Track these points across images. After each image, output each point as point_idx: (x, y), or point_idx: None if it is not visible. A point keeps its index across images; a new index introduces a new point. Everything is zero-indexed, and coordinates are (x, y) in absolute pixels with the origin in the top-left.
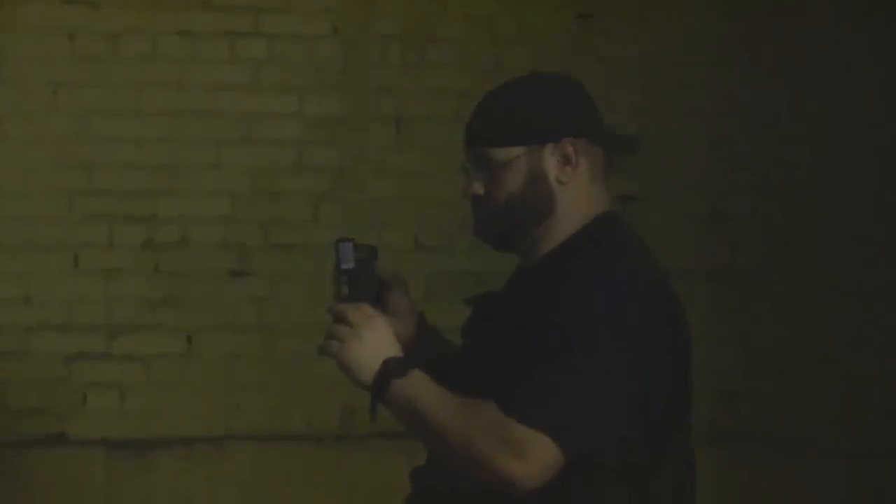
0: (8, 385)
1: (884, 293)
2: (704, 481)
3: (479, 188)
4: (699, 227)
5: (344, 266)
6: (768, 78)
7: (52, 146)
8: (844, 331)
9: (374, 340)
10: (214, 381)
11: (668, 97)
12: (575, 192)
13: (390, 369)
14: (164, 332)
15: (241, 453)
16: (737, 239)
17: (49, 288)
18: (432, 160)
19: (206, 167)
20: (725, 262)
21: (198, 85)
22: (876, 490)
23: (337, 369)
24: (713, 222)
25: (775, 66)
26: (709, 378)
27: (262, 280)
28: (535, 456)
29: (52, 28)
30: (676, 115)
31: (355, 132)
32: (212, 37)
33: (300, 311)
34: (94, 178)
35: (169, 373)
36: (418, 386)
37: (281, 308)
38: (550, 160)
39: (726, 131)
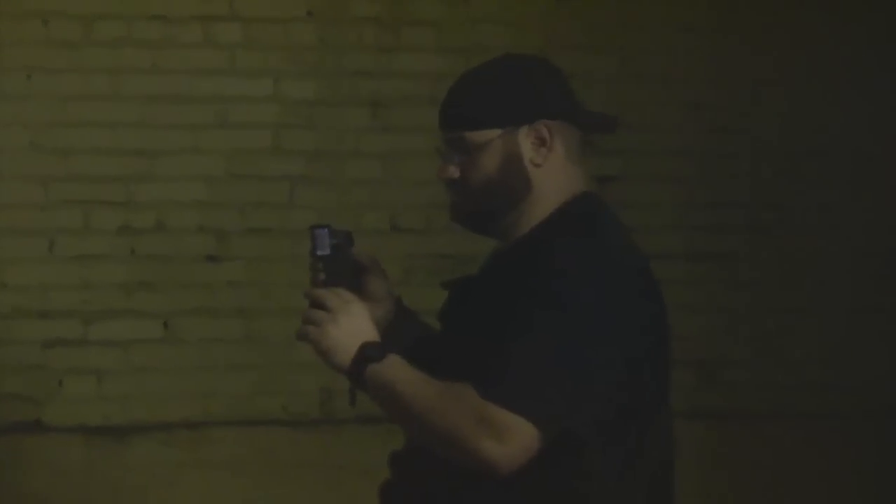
0: None
1: (854, 266)
2: (685, 452)
3: (454, 172)
4: (678, 208)
5: (319, 252)
6: (752, 56)
7: (27, 131)
8: (820, 302)
9: (352, 325)
10: (192, 366)
11: (648, 78)
12: (551, 174)
13: (368, 354)
14: (141, 317)
15: (219, 438)
16: (715, 220)
17: (24, 274)
18: (409, 143)
19: (181, 151)
20: (703, 243)
21: (173, 69)
22: (854, 451)
23: (315, 354)
24: (692, 204)
25: (760, 43)
26: (686, 353)
27: (239, 264)
28: (514, 439)
29: (26, 12)
30: (657, 96)
31: (331, 115)
32: (187, 21)
33: (278, 295)
34: (70, 163)
35: (146, 358)
36: (396, 370)
37: (258, 292)
38: (525, 142)
39: (707, 112)
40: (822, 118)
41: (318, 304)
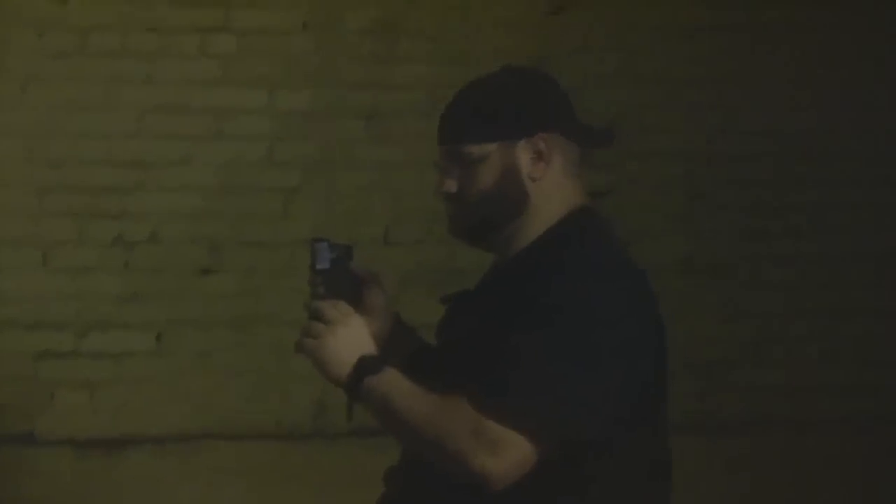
0: None
1: (847, 270)
2: (683, 457)
3: (452, 186)
4: (670, 220)
5: (319, 266)
6: (743, 70)
7: (22, 141)
8: (809, 311)
9: (350, 337)
10: (185, 379)
11: (641, 89)
12: (548, 188)
13: (365, 366)
14: (134, 329)
15: (212, 451)
16: (709, 231)
17: (18, 285)
18: (404, 154)
19: (176, 163)
20: (698, 254)
21: (168, 80)
22: (847, 456)
23: (309, 365)
24: (686, 216)
25: (750, 57)
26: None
27: (232, 276)
28: (509, 454)
29: (22, 22)
30: (649, 109)
31: (326, 126)
32: (182, 32)
33: (271, 307)
34: (64, 174)
35: (139, 370)
36: (393, 383)
37: (252, 304)
38: (523, 156)
39: (699, 125)
40: (814, 123)
41: (317, 317)
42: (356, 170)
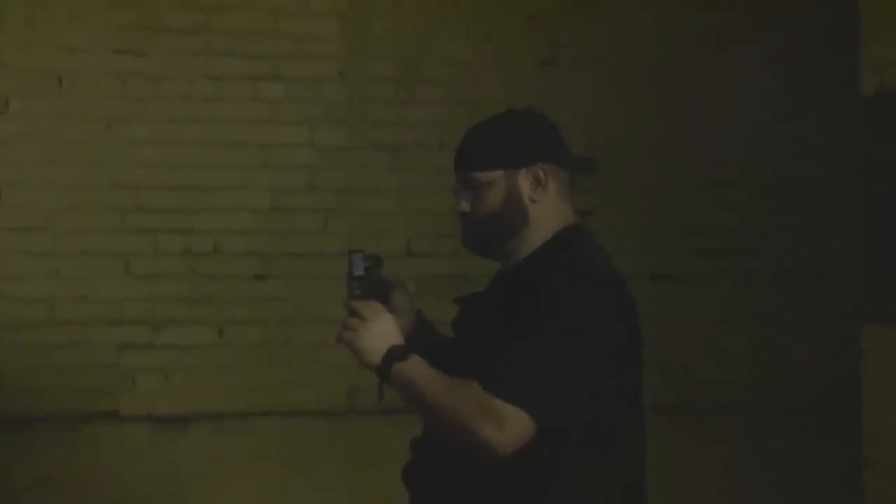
0: (69, 370)
1: (787, 284)
2: (651, 442)
3: (465, 206)
4: (643, 237)
5: (356, 273)
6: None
7: (106, 171)
8: (760, 314)
9: (381, 331)
10: (241, 367)
11: (617, 127)
12: (545, 208)
13: (394, 354)
14: (199, 325)
15: (262, 426)
16: (673, 247)
17: (104, 289)
18: (422, 181)
19: (233, 188)
20: (664, 266)
21: (226, 120)
22: (789, 441)
23: (346, 354)
24: (654, 233)
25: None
26: (652, 356)
27: (280, 282)
28: (511, 426)
29: (107, 73)
30: (624, 143)
31: (357, 158)
32: (238, 80)
33: (312, 308)
34: (141, 198)
35: (203, 359)
36: (416, 368)
37: (296, 305)
38: (524, 182)
39: (667, 155)
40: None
41: (354, 314)
42: (382, 194)
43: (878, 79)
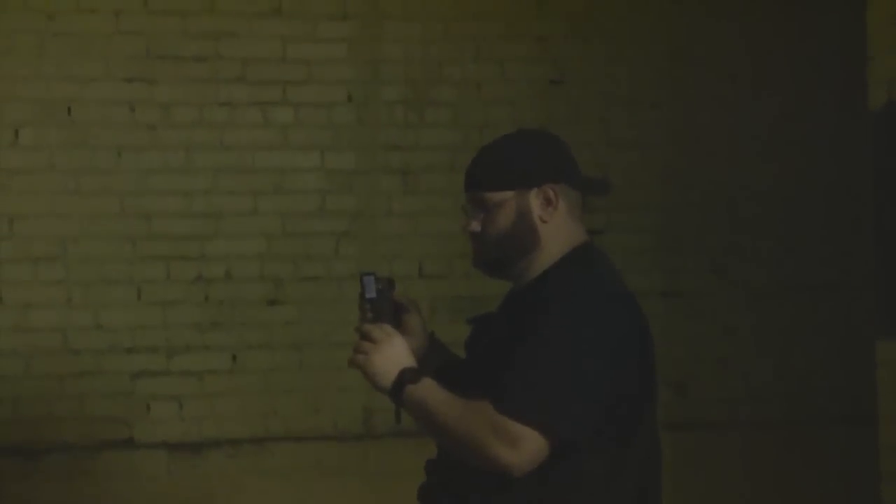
0: (84, 398)
1: (791, 300)
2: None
3: (476, 226)
4: (653, 254)
5: (368, 295)
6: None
7: (118, 198)
8: (770, 330)
9: (393, 353)
10: (255, 391)
11: (626, 146)
12: (556, 228)
13: (406, 377)
14: (213, 351)
15: (278, 451)
16: (683, 264)
17: (117, 317)
18: (432, 204)
19: (245, 213)
20: (674, 283)
21: (236, 146)
22: (803, 453)
23: (360, 377)
24: (664, 251)
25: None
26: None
27: (293, 307)
28: (524, 446)
29: (117, 100)
30: (633, 162)
31: (368, 182)
32: (247, 106)
33: (325, 332)
34: (153, 225)
35: (218, 385)
36: (429, 390)
37: (309, 330)
38: (535, 202)
39: (676, 173)
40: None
41: (366, 337)
42: (393, 217)
43: (886, 93)
